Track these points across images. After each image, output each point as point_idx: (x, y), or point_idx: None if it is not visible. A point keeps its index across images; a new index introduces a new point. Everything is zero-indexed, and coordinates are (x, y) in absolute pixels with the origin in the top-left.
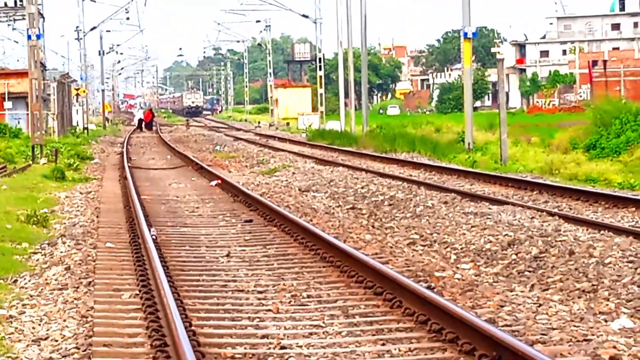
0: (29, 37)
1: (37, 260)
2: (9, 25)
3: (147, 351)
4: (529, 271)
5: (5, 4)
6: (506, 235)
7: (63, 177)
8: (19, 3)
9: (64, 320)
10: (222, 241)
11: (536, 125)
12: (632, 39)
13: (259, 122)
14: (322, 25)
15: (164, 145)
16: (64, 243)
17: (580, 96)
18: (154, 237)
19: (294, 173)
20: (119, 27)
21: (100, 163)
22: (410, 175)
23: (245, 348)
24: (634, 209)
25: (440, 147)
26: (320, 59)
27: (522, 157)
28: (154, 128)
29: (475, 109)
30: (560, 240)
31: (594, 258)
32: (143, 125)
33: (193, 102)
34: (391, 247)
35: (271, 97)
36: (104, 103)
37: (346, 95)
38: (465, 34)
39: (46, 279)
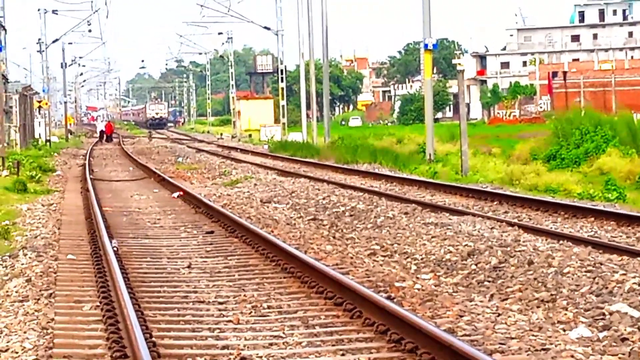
0: None
1: None
2: None
3: None
4: (489, 281)
5: None
6: (466, 245)
7: (25, 189)
8: None
9: (25, 332)
10: (184, 252)
11: (497, 137)
12: (592, 51)
13: (221, 134)
14: (284, 37)
15: (127, 157)
16: (25, 255)
17: (541, 107)
18: (115, 248)
19: (255, 184)
20: (81, 40)
21: (62, 175)
22: (372, 186)
23: (205, 359)
24: (592, 219)
25: (402, 158)
26: (282, 70)
27: (482, 168)
28: (114, 140)
29: (436, 120)
30: (519, 250)
31: (553, 268)
32: (104, 137)
33: (157, 114)
34: (352, 258)
35: (233, 109)
36: (67, 115)
37: (308, 106)
38: (426, 45)
39: (7, 291)
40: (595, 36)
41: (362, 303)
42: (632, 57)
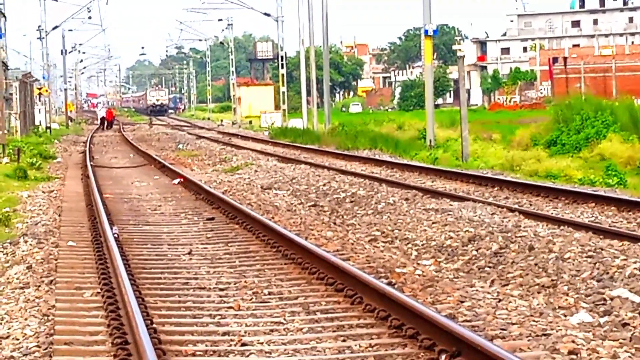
0: None
1: None
2: None
3: (108, 349)
4: (489, 267)
5: None
6: (467, 231)
7: (25, 176)
8: None
9: (25, 319)
10: (184, 239)
11: (497, 122)
12: (592, 36)
13: (221, 121)
14: (284, 24)
15: (127, 144)
16: (25, 242)
17: (541, 93)
18: (115, 235)
19: (256, 171)
20: (81, 26)
21: (62, 162)
22: (372, 173)
23: (206, 345)
24: (593, 204)
25: (402, 145)
26: (282, 57)
27: (483, 154)
28: (115, 127)
29: (436, 106)
30: (520, 236)
31: (554, 253)
32: (105, 124)
33: (158, 100)
34: (352, 244)
35: (234, 96)
36: (67, 102)
37: (308, 93)
38: (426, 31)
39: (7, 278)
40: (595, 22)
41: (363, 289)
42: (632, 42)
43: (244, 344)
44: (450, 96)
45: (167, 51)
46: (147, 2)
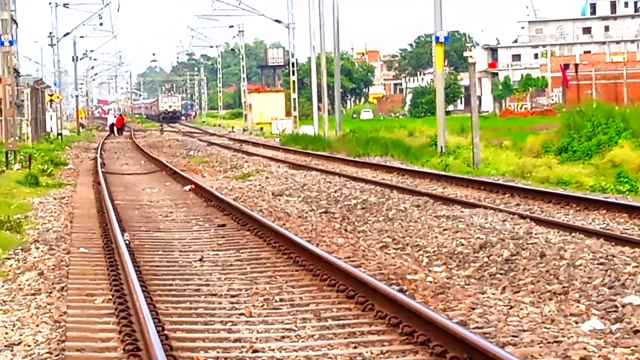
0: (2, 43)
1: (11, 265)
2: None
3: (119, 355)
4: (501, 274)
5: None
6: (478, 238)
7: (37, 182)
8: None
9: (37, 326)
10: (195, 245)
11: (508, 129)
12: (603, 43)
13: (232, 127)
14: (295, 30)
15: (138, 151)
16: (37, 248)
17: (552, 100)
18: (127, 241)
19: (267, 177)
20: (93, 33)
21: (74, 169)
22: (383, 179)
23: (217, 352)
24: (605, 211)
25: (413, 151)
26: (293, 63)
27: (494, 161)
28: (125, 133)
29: (447, 112)
30: (531, 243)
31: (565, 260)
32: (115, 131)
33: (170, 107)
34: (363, 251)
35: (244, 102)
36: (78, 109)
37: (319, 99)
38: (437, 38)
39: (19, 284)
40: (606, 28)
41: (374, 296)
42: None
43: (255, 351)
44: (461, 103)
45: (178, 58)
46: (158, 8)
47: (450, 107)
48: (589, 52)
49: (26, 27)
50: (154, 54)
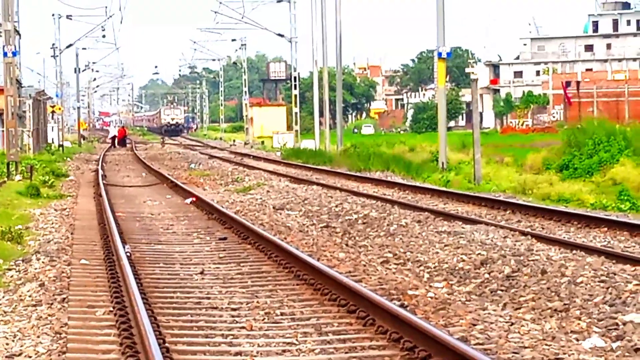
0: (5, 54)
1: (11, 276)
2: None
3: None
4: (502, 290)
5: None
6: (479, 254)
7: (38, 194)
8: None
9: (38, 337)
10: (197, 259)
11: (510, 146)
12: (605, 60)
13: (234, 141)
14: (298, 45)
15: (139, 163)
16: (38, 259)
17: (554, 117)
18: (128, 254)
19: (268, 191)
20: (95, 45)
21: (75, 180)
22: (384, 194)
23: None
24: (606, 228)
25: (414, 167)
26: (295, 77)
27: (495, 177)
28: (128, 145)
29: (449, 129)
30: (532, 260)
31: (566, 277)
32: (116, 143)
33: (173, 119)
34: (364, 266)
35: (246, 116)
36: (80, 120)
37: (321, 114)
38: (440, 54)
39: (20, 295)
40: (608, 46)
41: (375, 311)
42: None
43: None
44: (462, 119)
45: (180, 71)
46: (161, 21)
47: (452, 123)
48: (591, 69)
49: (29, 38)
50: (156, 67)
